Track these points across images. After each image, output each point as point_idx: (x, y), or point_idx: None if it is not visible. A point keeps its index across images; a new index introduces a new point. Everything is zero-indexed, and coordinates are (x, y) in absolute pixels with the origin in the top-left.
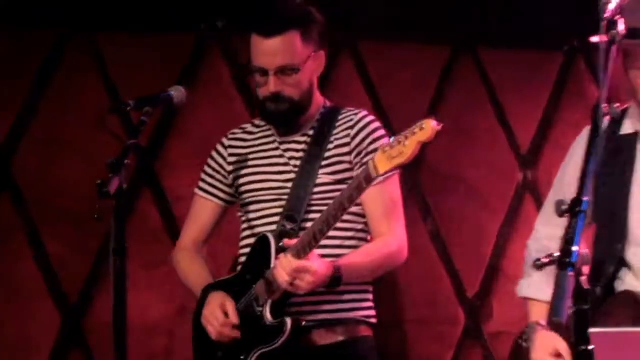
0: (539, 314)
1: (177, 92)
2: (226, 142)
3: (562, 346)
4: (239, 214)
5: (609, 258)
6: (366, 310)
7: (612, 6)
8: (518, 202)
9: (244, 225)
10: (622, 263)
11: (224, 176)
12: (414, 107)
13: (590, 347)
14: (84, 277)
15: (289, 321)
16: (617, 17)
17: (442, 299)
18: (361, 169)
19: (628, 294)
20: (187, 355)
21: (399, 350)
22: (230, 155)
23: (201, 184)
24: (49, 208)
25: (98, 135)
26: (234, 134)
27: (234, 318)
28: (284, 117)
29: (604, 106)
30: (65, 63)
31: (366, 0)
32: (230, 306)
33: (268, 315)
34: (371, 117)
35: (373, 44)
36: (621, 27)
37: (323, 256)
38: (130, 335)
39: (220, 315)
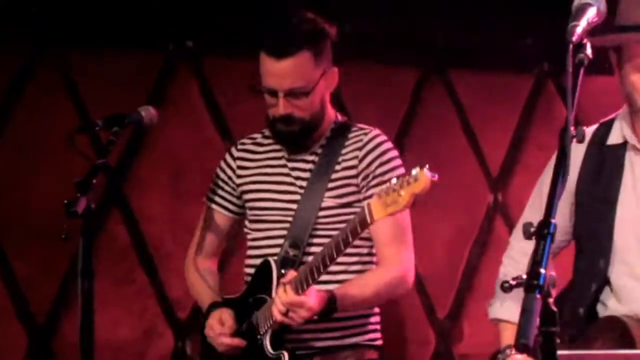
0: (511, 337)
1: (146, 112)
2: (235, 153)
3: None
4: (245, 229)
5: (592, 276)
6: (371, 333)
7: (580, 30)
8: (488, 223)
9: (250, 243)
10: (606, 281)
11: (232, 188)
12: (385, 129)
13: None
14: (52, 297)
15: (286, 355)
16: (585, 40)
17: (413, 319)
18: (357, 213)
19: (612, 318)
20: None
21: None
22: (239, 167)
23: (210, 194)
24: (16, 227)
25: (68, 152)
26: (243, 144)
27: (229, 325)
28: (295, 137)
29: (572, 129)
30: (36, 79)
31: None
32: (227, 315)
33: (268, 346)
34: (382, 138)
35: (344, 67)
36: (589, 50)
37: (326, 282)
38: (98, 355)
39: (217, 326)
